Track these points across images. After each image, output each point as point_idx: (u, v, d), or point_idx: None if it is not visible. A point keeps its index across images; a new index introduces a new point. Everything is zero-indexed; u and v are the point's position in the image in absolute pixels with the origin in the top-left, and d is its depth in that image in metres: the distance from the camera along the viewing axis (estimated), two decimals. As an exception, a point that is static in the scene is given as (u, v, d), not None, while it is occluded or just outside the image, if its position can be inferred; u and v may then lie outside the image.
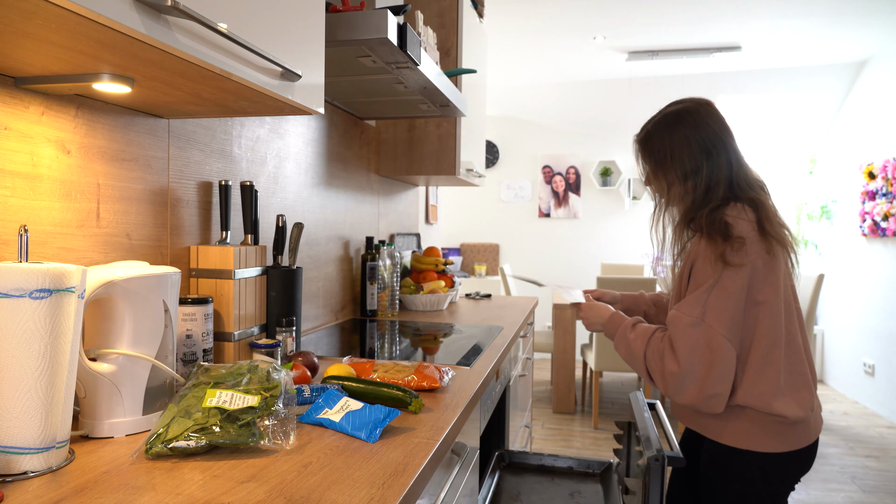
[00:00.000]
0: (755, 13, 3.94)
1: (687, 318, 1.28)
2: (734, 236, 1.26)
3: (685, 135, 1.39)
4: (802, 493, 2.97)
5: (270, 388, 0.94)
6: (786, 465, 1.32)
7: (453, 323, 2.14)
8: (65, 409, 0.80)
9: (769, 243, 1.28)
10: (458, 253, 6.04)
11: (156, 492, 0.73)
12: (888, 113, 4.36)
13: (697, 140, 1.38)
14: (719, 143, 1.38)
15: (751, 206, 1.31)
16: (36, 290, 0.74)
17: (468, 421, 1.30)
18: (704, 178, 1.36)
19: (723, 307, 1.26)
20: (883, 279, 4.34)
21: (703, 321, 1.26)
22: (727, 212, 1.30)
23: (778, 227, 1.31)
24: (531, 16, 4.03)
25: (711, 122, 1.39)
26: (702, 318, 1.26)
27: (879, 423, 4.13)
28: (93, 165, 1.07)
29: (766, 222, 1.29)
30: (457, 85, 2.47)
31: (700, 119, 1.40)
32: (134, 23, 0.67)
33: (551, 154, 5.93)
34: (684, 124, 1.40)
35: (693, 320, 1.27)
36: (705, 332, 1.25)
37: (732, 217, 1.28)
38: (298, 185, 1.85)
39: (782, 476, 1.33)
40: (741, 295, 1.26)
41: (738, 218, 1.28)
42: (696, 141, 1.38)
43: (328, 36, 1.33)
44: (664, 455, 1.33)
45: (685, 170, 1.38)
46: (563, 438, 3.70)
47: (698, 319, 1.26)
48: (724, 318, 1.25)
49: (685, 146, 1.39)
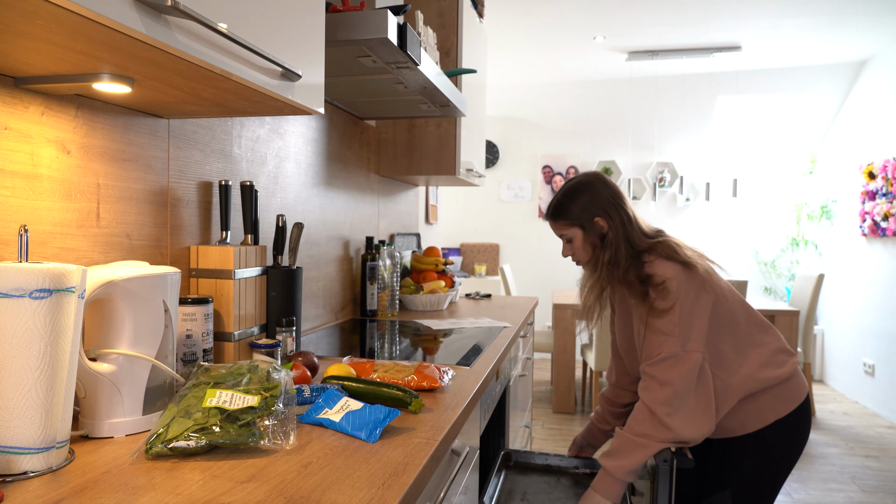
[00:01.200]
0: (755, 13, 3.94)
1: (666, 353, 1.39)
2: (656, 284, 1.41)
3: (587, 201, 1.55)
4: (802, 493, 2.97)
5: (270, 388, 0.94)
6: (798, 423, 1.45)
7: (453, 323, 2.14)
8: (65, 409, 0.80)
9: (685, 263, 1.43)
10: (458, 253, 6.04)
11: (156, 492, 0.73)
12: (888, 113, 4.36)
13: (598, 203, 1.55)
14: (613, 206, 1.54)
15: (656, 252, 1.47)
16: (36, 290, 0.74)
17: (468, 421, 1.30)
18: (611, 241, 1.51)
19: (694, 329, 1.40)
20: (883, 279, 4.35)
21: (686, 349, 1.39)
22: (643, 262, 1.47)
23: (687, 249, 1.48)
24: (531, 16, 4.03)
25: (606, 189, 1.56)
26: (683, 348, 1.39)
27: (879, 423, 4.13)
28: (93, 165, 1.07)
29: (673, 252, 1.45)
30: (457, 85, 2.47)
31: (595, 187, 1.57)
32: (134, 23, 0.67)
33: (551, 154, 5.93)
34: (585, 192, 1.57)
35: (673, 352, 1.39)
36: (690, 357, 1.39)
37: (647, 264, 1.45)
38: (298, 185, 1.85)
39: (799, 435, 1.46)
40: (705, 313, 1.42)
41: (651, 263, 1.45)
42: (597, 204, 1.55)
43: (328, 36, 1.33)
44: (673, 457, 1.33)
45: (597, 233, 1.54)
46: (563, 438, 3.70)
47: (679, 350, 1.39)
48: (700, 339, 1.40)
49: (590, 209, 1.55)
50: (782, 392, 1.44)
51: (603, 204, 1.53)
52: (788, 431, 1.45)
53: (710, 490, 1.48)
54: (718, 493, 1.46)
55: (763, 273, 5.53)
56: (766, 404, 1.43)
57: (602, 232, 1.52)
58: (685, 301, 1.39)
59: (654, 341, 1.41)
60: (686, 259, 1.44)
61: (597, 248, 1.53)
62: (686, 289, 1.40)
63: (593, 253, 1.54)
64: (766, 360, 1.45)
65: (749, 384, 1.42)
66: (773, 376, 1.43)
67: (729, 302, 1.46)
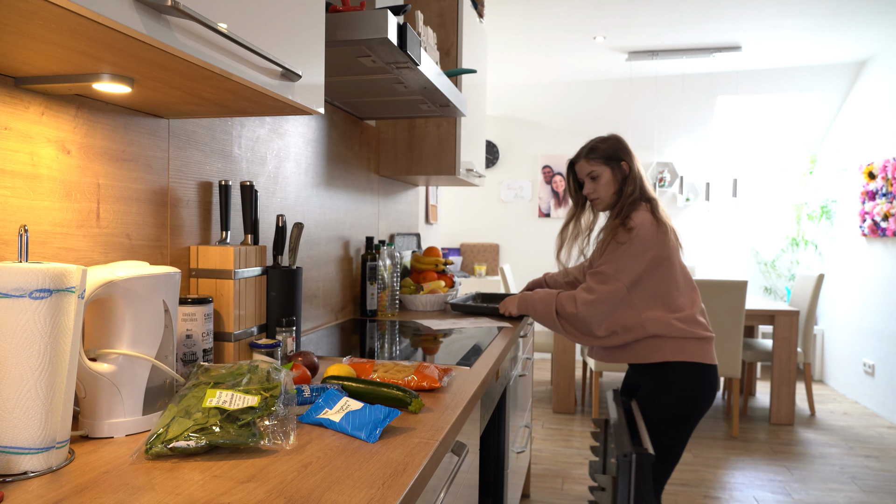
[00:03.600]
0: (755, 13, 3.94)
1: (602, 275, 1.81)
2: (628, 226, 1.79)
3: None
4: (802, 493, 2.97)
5: (270, 388, 0.94)
6: (711, 375, 1.80)
7: (453, 323, 2.14)
8: (65, 410, 0.80)
9: (658, 223, 1.81)
10: (458, 253, 6.04)
11: (156, 492, 0.73)
12: (888, 113, 4.36)
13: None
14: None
15: (651, 203, 1.86)
16: (36, 290, 0.74)
17: (468, 421, 1.30)
18: (633, 179, 1.89)
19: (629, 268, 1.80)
20: (883, 279, 4.35)
21: (615, 277, 1.78)
22: (635, 207, 1.84)
23: (665, 216, 1.85)
24: (531, 16, 4.03)
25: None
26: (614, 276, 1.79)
27: (879, 423, 4.13)
28: (93, 165, 1.07)
29: (657, 211, 1.84)
30: (457, 85, 2.47)
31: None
32: (134, 23, 0.67)
33: (551, 154, 5.94)
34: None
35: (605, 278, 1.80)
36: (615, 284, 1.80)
37: (635, 211, 1.83)
38: (298, 185, 1.85)
39: (710, 386, 1.80)
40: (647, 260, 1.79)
41: (638, 210, 1.82)
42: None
43: (328, 36, 1.33)
44: (632, 452, 1.35)
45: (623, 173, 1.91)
46: (563, 438, 3.70)
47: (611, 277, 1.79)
48: (631, 276, 1.79)
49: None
50: (686, 345, 1.78)
51: (628, 152, 1.90)
52: (689, 377, 1.78)
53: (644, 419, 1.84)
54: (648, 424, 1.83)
55: (763, 273, 5.53)
56: (669, 346, 1.78)
57: (624, 173, 1.88)
58: (637, 244, 1.76)
59: (601, 260, 1.83)
60: (661, 218, 1.82)
61: (619, 185, 1.89)
62: (644, 236, 1.76)
63: (615, 190, 1.89)
64: (681, 316, 1.79)
65: (658, 325, 1.77)
66: (680, 328, 1.77)
67: (674, 265, 1.81)
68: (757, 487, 3.02)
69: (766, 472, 3.22)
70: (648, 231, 1.77)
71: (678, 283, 1.82)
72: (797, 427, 4.00)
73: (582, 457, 3.41)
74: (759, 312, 4.01)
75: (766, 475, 3.18)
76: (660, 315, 1.78)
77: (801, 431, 3.91)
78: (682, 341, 1.78)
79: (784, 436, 3.81)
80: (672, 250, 1.81)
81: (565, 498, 2.89)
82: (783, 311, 3.99)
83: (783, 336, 3.99)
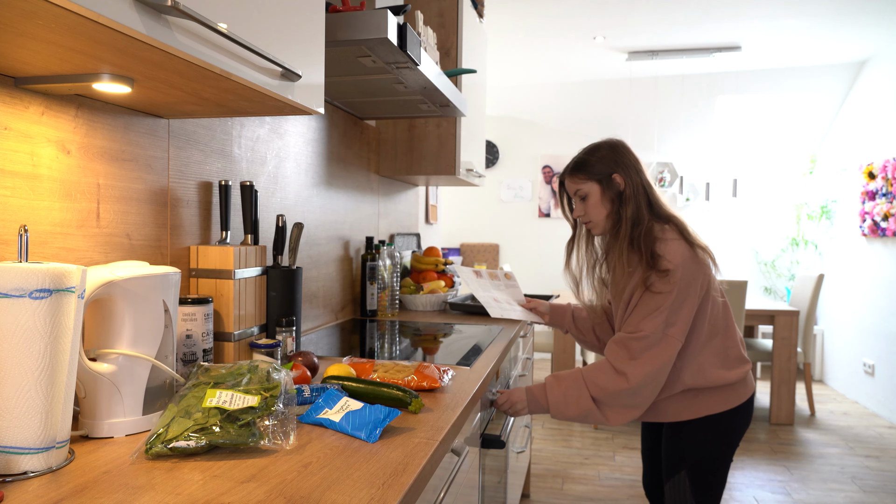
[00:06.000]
0: (755, 13, 3.94)
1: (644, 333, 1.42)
2: (662, 269, 1.41)
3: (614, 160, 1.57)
4: (802, 493, 2.97)
5: (270, 388, 0.94)
6: (733, 419, 1.51)
7: (453, 323, 2.14)
8: (65, 410, 0.80)
9: (695, 251, 1.46)
10: (458, 253, 6.04)
11: (156, 492, 0.73)
12: (888, 113, 4.36)
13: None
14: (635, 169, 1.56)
15: (673, 223, 1.50)
16: (36, 290, 0.74)
17: (468, 421, 1.30)
18: (630, 196, 1.51)
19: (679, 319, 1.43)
20: (883, 279, 4.34)
21: (666, 334, 1.41)
22: (656, 235, 1.46)
23: (697, 237, 1.50)
24: (531, 16, 4.03)
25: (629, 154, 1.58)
26: (664, 332, 1.41)
27: (879, 423, 4.13)
28: (93, 165, 1.07)
29: (688, 234, 1.49)
30: (457, 85, 2.47)
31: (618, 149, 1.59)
32: (134, 23, 0.67)
33: (551, 154, 5.93)
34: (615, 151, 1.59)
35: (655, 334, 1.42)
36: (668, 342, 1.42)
37: (660, 241, 1.45)
38: (298, 185, 1.85)
39: (732, 429, 1.52)
40: (693, 304, 1.44)
41: (666, 241, 1.45)
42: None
43: (328, 36, 1.33)
44: (482, 437, 1.48)
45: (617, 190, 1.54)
46: (563, 438, 3.70)
47: (660, 333, 1.41)
48: (684, 327, 1.43)
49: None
50: (723, 394, 1.50)
51: (623, 162, 1.53)
52: (716, 427, 1.52)
53: (668, 472, 1.58)
54: (675, 476, 1.55)
55: (763, 273, 5.53)
56: (703, 402, 1.50)
57: (619, 189, 1.51)
58: (682, 289, 1.41)
59: (641, 311, 1.43)
60: (695, 241, 1.47)
61: (614, 205, 1.52)
62: (687, 277, 1.42)
63: (609, 212, 1.53)
64: (722, 362, 1.49)
65: (697, 379, 1.47)
66: (720, 378, 1.48)
67: (713, 298, 1.49)
68: (757, 487, 3.02)
69: (766, 472, 3.22)
70: (690, 270, 1.42)
71: (723, 317, 1.51)
72: (797, 427, 4.00)
73: (582, 457, 3.41)
74: (759, 312, 4.01)
75: (766, 475, 3.18)
76: (708, 360, 1.48)
77: (801, 431, 3.91)
78: (721, 390, 1.49)
79: (784, 436, 3.81)
80: (712, 281, 1.49)
81: (565, 498, 2.89)
82: (783, 311, 3.99)
83: (783, 336, 3.99)
